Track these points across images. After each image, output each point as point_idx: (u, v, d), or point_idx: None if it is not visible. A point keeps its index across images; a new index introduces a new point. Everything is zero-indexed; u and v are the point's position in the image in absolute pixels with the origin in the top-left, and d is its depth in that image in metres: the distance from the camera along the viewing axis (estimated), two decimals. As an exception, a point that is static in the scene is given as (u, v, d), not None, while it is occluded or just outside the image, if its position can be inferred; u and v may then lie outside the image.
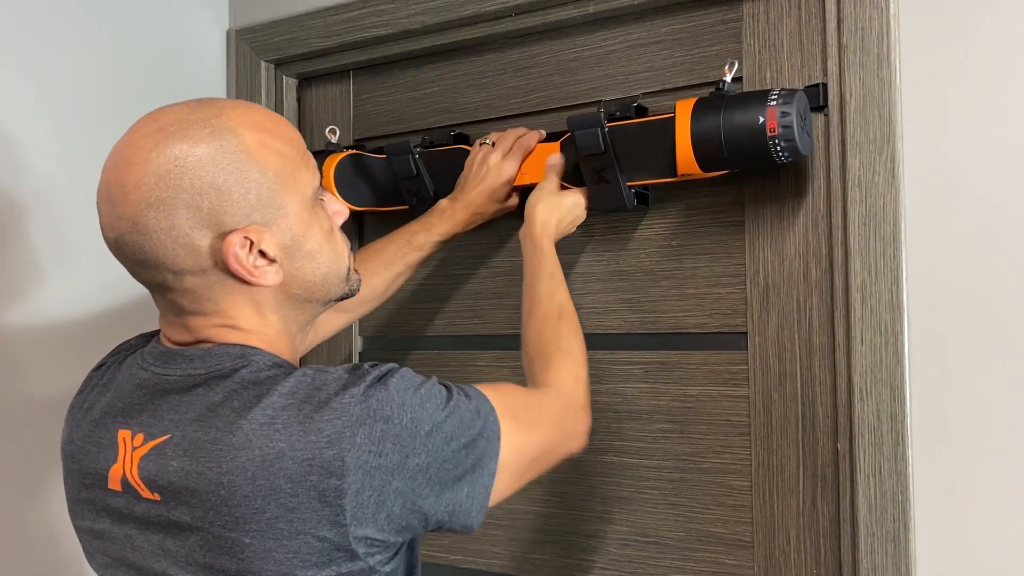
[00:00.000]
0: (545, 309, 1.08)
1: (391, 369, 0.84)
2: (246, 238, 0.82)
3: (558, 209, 1.17)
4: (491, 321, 1.39)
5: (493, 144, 1.25)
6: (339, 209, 0.94)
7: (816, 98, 1.11)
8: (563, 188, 1.20)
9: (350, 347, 1.52)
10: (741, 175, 1.17)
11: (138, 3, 1.46)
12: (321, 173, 1.35)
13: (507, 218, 1.30)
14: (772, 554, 1.15)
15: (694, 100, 1.09)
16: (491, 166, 1.23)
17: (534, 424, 0.93)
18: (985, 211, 1.03)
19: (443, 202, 1.26)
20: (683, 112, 1.08)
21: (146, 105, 1.42)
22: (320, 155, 1.40)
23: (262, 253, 0.84)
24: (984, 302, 1.02)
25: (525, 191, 1.25)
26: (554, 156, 1.21)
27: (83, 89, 1.38)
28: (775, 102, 1.02)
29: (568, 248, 1.32)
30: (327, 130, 1.42)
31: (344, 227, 1.50)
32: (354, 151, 1.39)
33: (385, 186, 1.35)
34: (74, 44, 1.37)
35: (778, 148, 1.03)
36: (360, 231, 1.52)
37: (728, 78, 1.09)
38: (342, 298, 0.95)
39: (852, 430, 1.08)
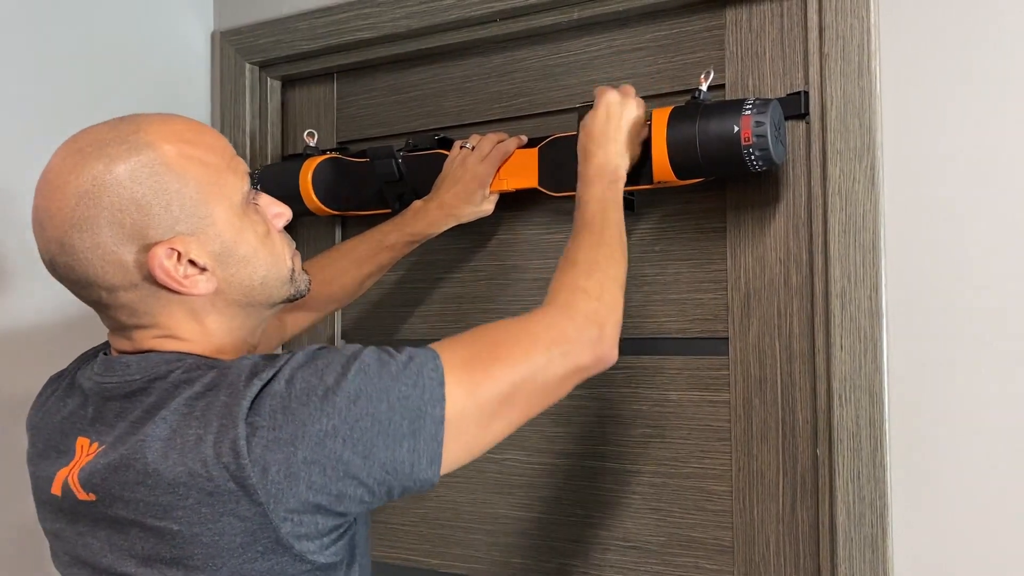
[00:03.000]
0: (572, 233, 1.01)
1: (303, 349, 0.83)
2: (172, 249, 0.83)
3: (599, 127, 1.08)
4: (474, 324, 1.38)
5: (473, 148, 1.25)
6: (279, 211, 0.92)
7: (797, 106, 1.12)
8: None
9: (332, 350, 1.52)
10: (723, 182, 1.18)
11: (123, 4, 1.45)
12: (301, 177, 1.35)
13: (488, 221, 1.30)
14: (752, 559, 1.16)
15: (670, 108, 1.10)
16: (468, 168, 1.23)
17: (497, 357, 0.85)
18: (963, 219, 1.04)
19: (417, 203, 1.26)
20: (659, 120, 1.09)
21: (131, 106, 1.42)
22: (298, 158, 1.40)
23: (192, 262, 0.84)
24: (962, 309, 1.03)
25: (503, 197, 1.26)
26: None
27: (68, 90, 1.37)
28: (749, 111, 1.03)
29: (552, 252, 1.32)
30: (305, 133, 1.42)
31: (325, 230, 1.51)
32: (333, 154, 1.39)
33: (367, 190, 1.35)
34: (58, 45, 1.36)
35: (752, 157, 1.04)
36: (342, 235, 1.52)
37: (704, 87, 1.10)
38: (290, 299, 0.94)
39: (831, 435, 1.09)
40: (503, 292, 1.36)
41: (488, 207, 1.26)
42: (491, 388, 0.84)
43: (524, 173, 1.24)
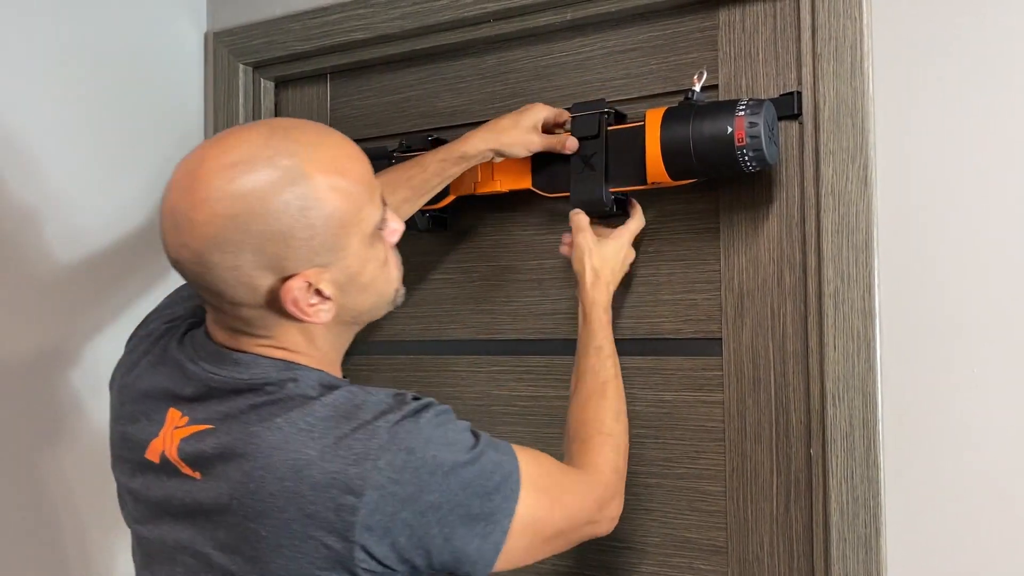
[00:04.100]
0: (589, 387, 1.09)
1: (429, 404, 0.87)
2: (306, 282, 0.84)
3: (608, 263, 1.15)
4: (469, 326, 1.39)
5: None
6: (397, 228, 0.94)
7: (790, 107, 1.12)
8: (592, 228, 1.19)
9: (326, 351, 1.52)
10: (716, 182, 1.18)
11: (116, 6, 1.45)
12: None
13: (482, 222, 1.30)
14: (746, 559, 1.16)
15: (663, 109, 1.10)
16: (530, 106, 1.20)
17: (560, 501, 0.93)
18: (956, 219, 1.04)
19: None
20: (653, 121, 1.09)
21: (124, 108, 1.44)
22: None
23: (318, 292, 0.86)
24: (954, 309, 1.04)
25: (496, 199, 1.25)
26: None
27: (59, 92, 1.36)
28: (743, 112, 1.04)
29: (546, 253, 1.32)
30: None
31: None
32: None
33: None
34: (50, 47, 1.35)
35: (746, 158, 1.04)
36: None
37: (697, 87, 1.10)
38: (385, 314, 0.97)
39: (825, 436, 1.09)
40: (498, 293, 1.36)
41: (535, 139, 1.18)
42: (545, 525, 0.91)
43: (518, 174, 1.25)
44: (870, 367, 1.06)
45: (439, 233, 1.39)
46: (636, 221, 1.19)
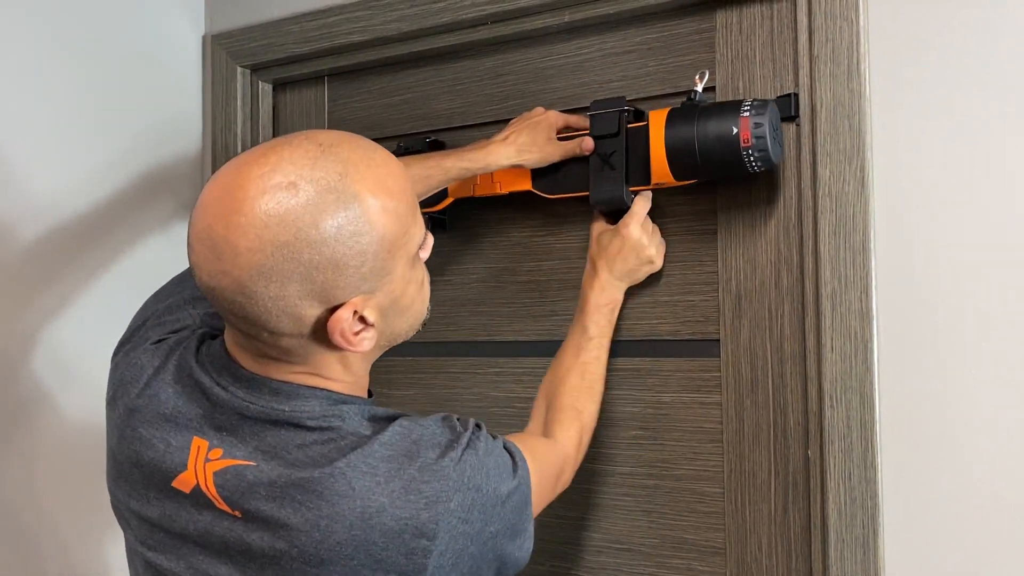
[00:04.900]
0: (569, 361, 1.15)
1: (474, 428, 0.88)
2: (354, 311, 0.80)
3: (604, 251, 1.19)
4: (465, 328, 1.39)
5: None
6: (430, 243, 0.90)
7: (788, 108, 1.12)
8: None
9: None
10: (713, 183, 1.18)
11: (113, 8, 1.45)
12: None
13: (480, 224, 1.30)
14: (744, 560, 1.16)
15: (667, 110, 1.10)
16: (545, 113, 1.21)
17: (546, 484, 1.00)
18: (953, 220, 1.04)
19: (480, 141, 1.21)
20: (657, 122, 1.10)
21: (122, 110, 1.44)
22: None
23: (362, 319, 0.82)
24: (952, 310, 1.04)
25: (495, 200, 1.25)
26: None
27: (57, 93, 1.36)
28: (748, 113, 1.04)
29: (545, 255, 1.32)
30: None
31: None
32: None
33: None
34: (48, 49, 1.35)
35: (751, 158, 1.04)
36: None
37: (699, 88, 1.10)
38: None
39: (822, 437, 1.09)
40: (495, 294, 1.36)
41: (553, 150, 1.19)
42: (540, 504, 0.98)
43: (517, 176, 1.25)
44: (868, 368, 1.06)
45: (437, 235, 1.39)
46: (638, 205, 1.17)
